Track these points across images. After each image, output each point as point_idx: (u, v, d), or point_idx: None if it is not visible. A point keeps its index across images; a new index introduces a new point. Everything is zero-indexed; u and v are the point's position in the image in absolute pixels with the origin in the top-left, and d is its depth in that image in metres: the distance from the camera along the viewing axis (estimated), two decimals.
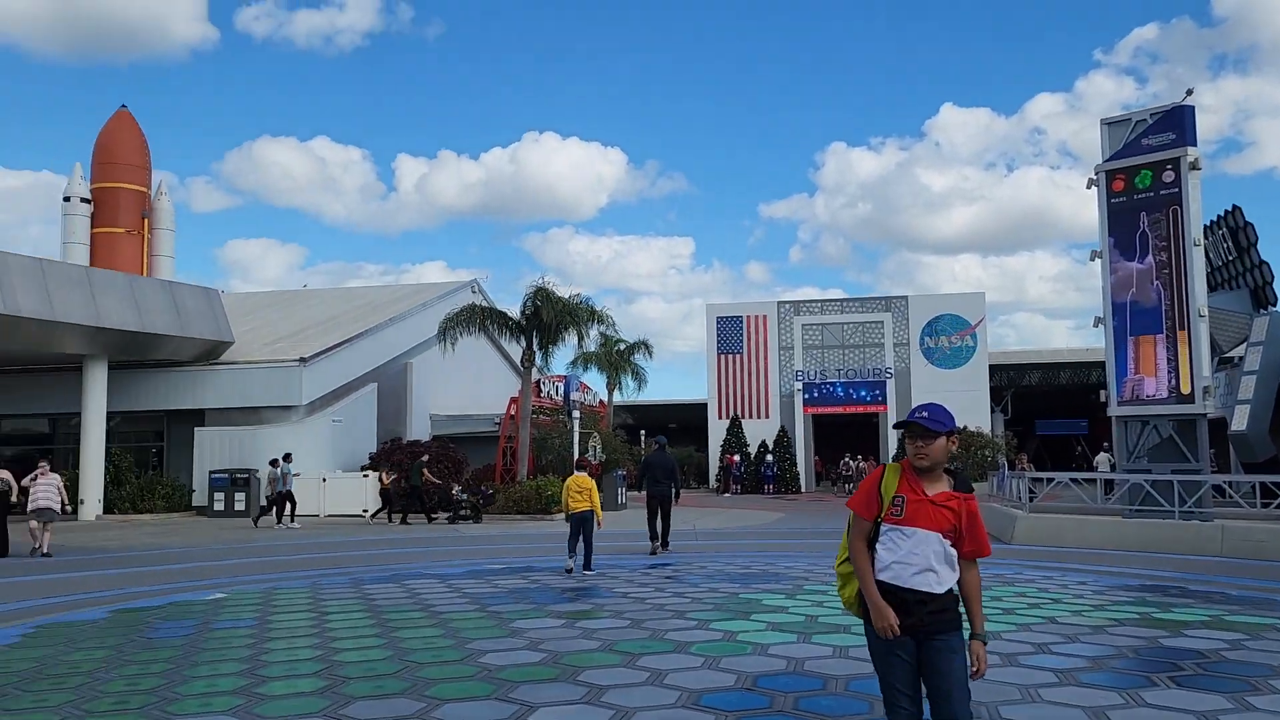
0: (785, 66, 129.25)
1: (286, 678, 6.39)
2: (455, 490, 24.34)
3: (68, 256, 38.98)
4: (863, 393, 41.49)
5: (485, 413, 32.74)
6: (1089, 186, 17.71)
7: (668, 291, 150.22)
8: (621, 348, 40.03)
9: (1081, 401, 46.22)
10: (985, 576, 9.61)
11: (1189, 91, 17.39)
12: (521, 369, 28.11)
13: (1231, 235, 22.07)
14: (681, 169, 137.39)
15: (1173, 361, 16.50)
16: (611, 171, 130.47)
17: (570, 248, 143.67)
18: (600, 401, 36.88)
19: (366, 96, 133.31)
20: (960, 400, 36.96)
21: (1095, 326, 17.80)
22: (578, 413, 27.45)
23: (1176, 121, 16.88)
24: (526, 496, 24.78)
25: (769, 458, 39.97)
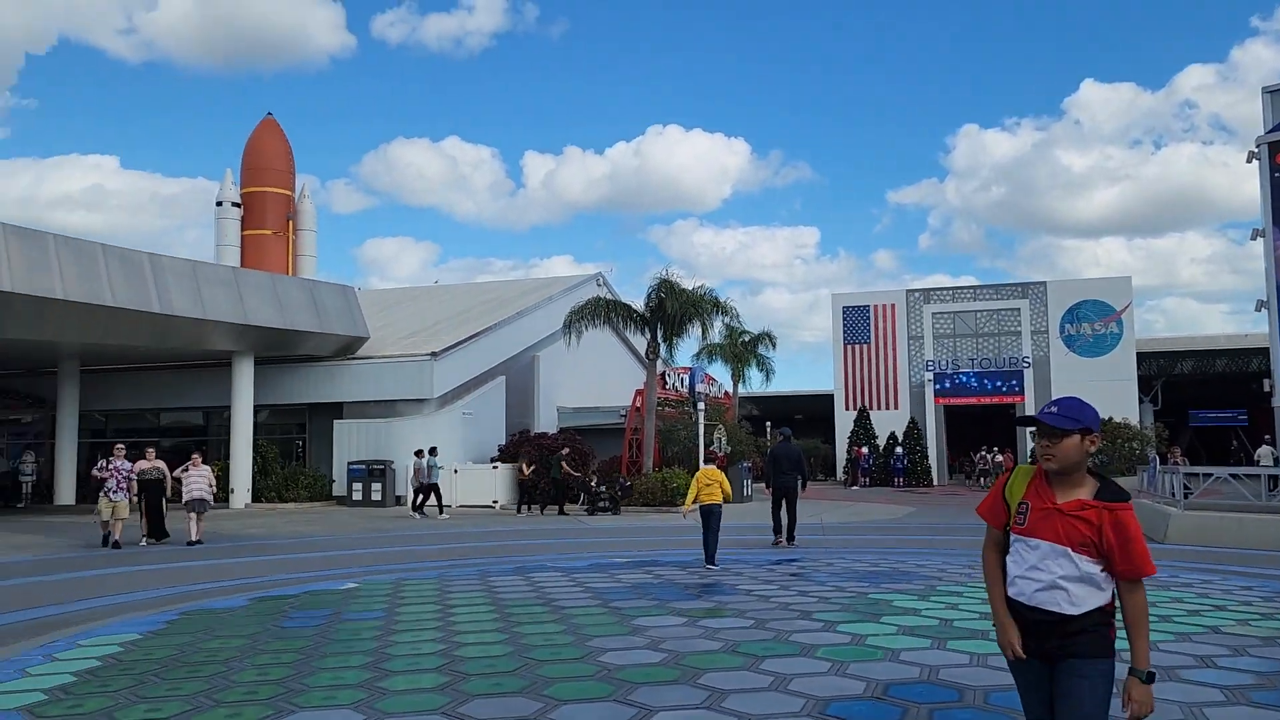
0: (913, 49, 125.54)
1: (409, 672, 6.43)
2: (593, 482, 24.52)
3: (220, 258, 41.17)
4: (998, 383, 39.88)
5: (611, 405, 32.90)
6: (1249, 160, 16.45)
7: (793, 282, 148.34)
8: (746, 339, 39.62)
9: (1240, 391, 43.21)
10: None
11: None
12: (646, 361, 28.11)
13: None
14: (806, 158, 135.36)
15: None
16: (735, 162, 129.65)
17: (694, 240, 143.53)
18: (725, 393, 36.58)
19: (495, 96, 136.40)
20: (1105, 390, 35.08)
21: (1258, 311, 16.54)
22: (702, 404, 27.26)
23: None
24: (652, 489, 24.78)
25: (898, 450, 38.88)
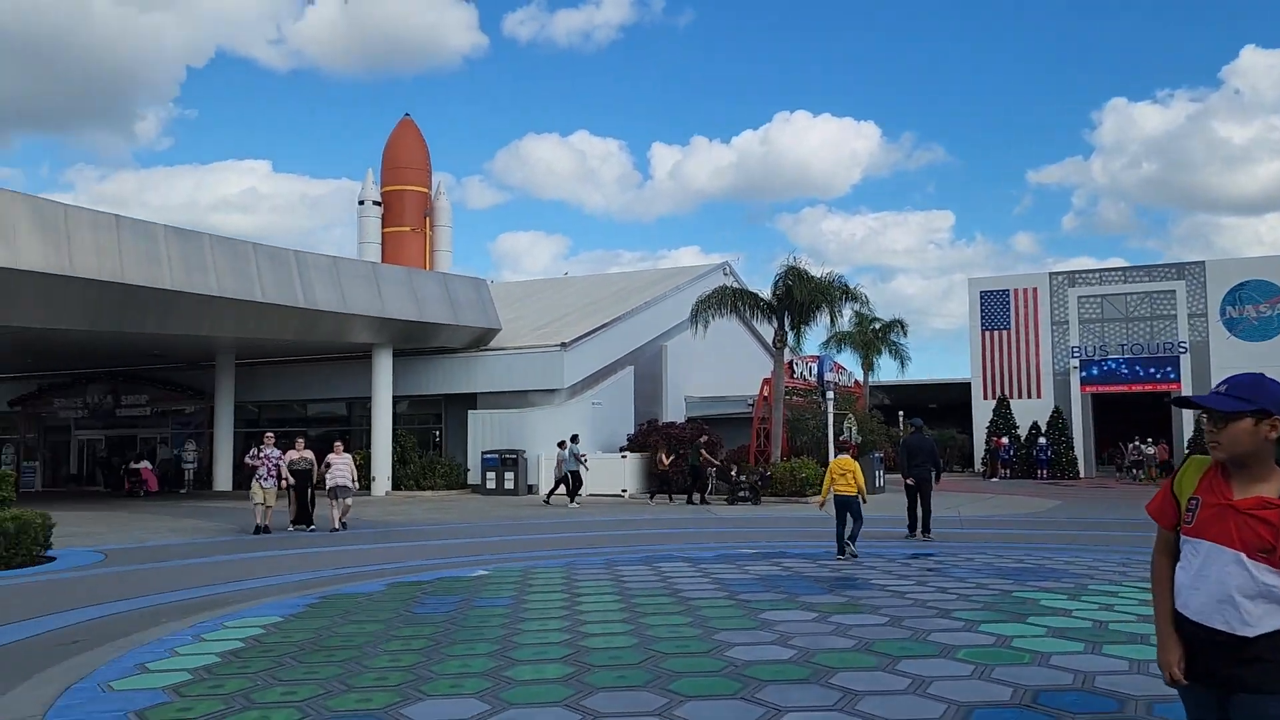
0: (1054, 21, 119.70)
1: (534, 662, 6.40)
2: (733, 471, 24.31)
3: (363, 255, 42.87)
4: (1151, 369, 37.61)
5: (738, 394, 32.60)
6: None
7: (926, 267, 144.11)
8: (876, 326, 38.62)
9: None
10: None
11: None
12: (774, 350, 27.70)
13: None
14: (940, 139, 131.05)
15: None
16: (865, 146, 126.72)
17: (823, 227, 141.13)
18: (855, 382, 35.75)
19: (622, 89, 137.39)
20: (1274, 376, 32.60)
21: None
22: (832, 393, 26.67)
23: None
24: (781, 479, 24.41)
25: (1041, 440, 37.13)
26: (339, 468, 17.43)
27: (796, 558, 12.25)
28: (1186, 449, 34.59)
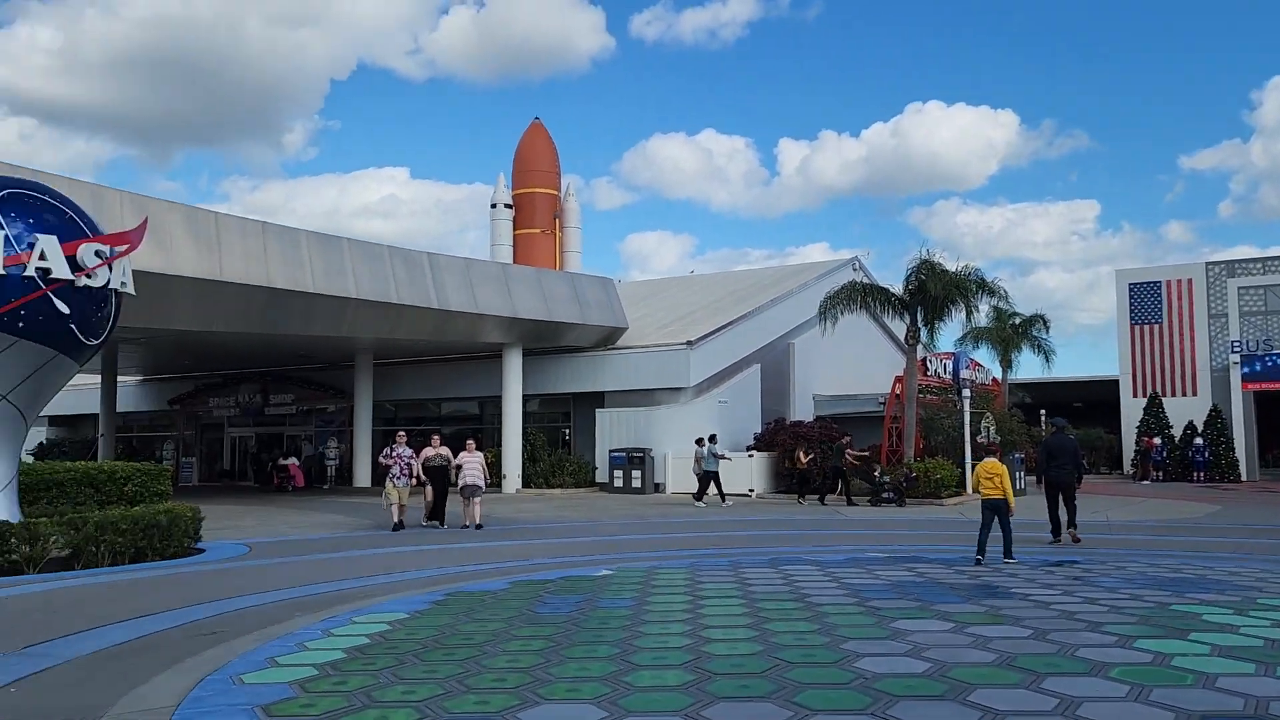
0: None
1: (654, 667, 6.24)
2: (876, 472, 23.72)
3: (495, 257, 43.89)
4: None
5: (868, 392, 31.74)
6: None
7: (1068, 260, 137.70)
8: (1015, 322, 36.99)
9: None
10: None
11: None
12: (906, 347, 26.83)
13: None
14: (1083, 125, 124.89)
15: None
16: (1002, 135, 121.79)
17: (957, 220, 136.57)
18: (993, 379, 34.30)
19: (748, 86, 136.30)
20: None
21: None
22: (968, 391, 25.64)
23: None
24: (916, 480, 23.58)
25: (1198, 441, 34.79)
26: (471, 467, 17.70)
27: (932, 563, 11.73)
28: None
